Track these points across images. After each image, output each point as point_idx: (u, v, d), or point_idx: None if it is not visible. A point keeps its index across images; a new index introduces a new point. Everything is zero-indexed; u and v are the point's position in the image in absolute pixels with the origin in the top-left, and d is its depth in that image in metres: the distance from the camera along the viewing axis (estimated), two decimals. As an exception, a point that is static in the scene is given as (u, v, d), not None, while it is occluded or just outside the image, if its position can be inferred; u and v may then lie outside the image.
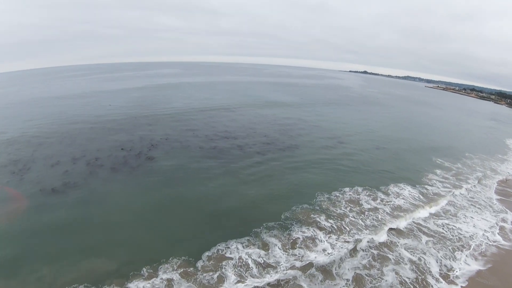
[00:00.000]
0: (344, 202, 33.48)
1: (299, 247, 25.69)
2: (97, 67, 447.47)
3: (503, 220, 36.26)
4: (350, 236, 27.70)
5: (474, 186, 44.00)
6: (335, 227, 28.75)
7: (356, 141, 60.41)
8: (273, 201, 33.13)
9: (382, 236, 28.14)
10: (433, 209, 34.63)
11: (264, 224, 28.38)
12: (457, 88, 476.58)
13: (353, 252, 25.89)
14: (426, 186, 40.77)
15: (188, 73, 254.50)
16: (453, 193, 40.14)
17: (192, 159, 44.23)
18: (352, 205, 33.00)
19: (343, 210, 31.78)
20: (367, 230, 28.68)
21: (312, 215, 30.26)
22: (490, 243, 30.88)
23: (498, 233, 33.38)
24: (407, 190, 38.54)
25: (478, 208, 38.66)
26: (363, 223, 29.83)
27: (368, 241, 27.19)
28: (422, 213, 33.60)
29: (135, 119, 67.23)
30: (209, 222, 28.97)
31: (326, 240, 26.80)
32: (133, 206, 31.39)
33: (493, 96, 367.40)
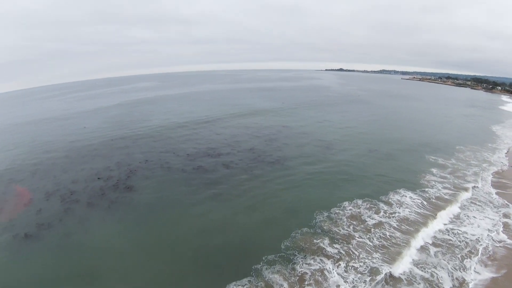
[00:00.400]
0: (346, 220, 30.51)
1: (307, 285, 22.43)
2: (72, 85, 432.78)
3: (506, 216, 34.44)
4: (361, 262, 24.66)
5: (475, 186, 41.99)
6: (343, 252, 25.69)
7: (345, 146, 58.03)
8: (269, 227, 29.78)
9: (400, 267, 24.97)
10: (443, 219, 32.16)
11: (264, 258, 24.99)
12: (433, 77, 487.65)
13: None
14: (426, 190, 38.31)
15: (166, 85, 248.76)
16: (459, 196, 37.88)
17: (175, 185, 40.34)
18: (355, 222, 30.08)
19: (347, 230, 28.80)
20: (378, 253, 25.69)
21: (314, 240, 27.08)
22: (497, 244, 28.92)
23: (503, 231, 31.45)
24: (408, 197, 36.01)
25: (479, 205, 36.76)
26: (371, 243, 26.92)
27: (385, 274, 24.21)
28: (435, 225, 30.95)
29: (111, 141, 62.89)
30: (201, 261, 25.36)
31: (337, 272, 23.67)
32: (112, 249, 27.49)
33: (469, 82, 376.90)
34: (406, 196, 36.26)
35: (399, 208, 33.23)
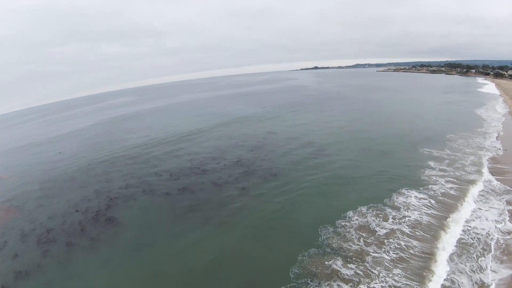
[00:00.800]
0: (354, 233, 27.57)
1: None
2: (48, 107, 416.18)
3: (509, 203, 32.91)
4: (383, 282, 21.83)
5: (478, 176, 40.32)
6: (360, 273, 22.74)
7: (336, 147, 55.40)
8: (271, 253, 26.37)
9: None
10: (457, 219, 29.79)
11: (274, 293, 21.50)
12: (407, 67, 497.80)
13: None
14: (430, 186, 36.09)
15: (144, 99, 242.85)
16: (466, 190, 35.80)
17: (160, 211, 36.50)
18: (365, 234, 27.18)
19: (358, 244, 25.85)
20: (398, 269, 22.88)
21: (326, 262, 23.94)
22: (508, 237, 27.24)
23: (509, 220, 29.88)
24: (414, 197, 33.59)
25: (482, 195, 35.11)
26: (388, 258, 24.08)
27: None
28: (452, 228, 28.42)
29: (88, 166, 58.39)
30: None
31: (360, 299, 20.49)
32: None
33: (443, 68, 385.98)
34: (411, 196, 33.83)
35: (408, 211, 30.69)
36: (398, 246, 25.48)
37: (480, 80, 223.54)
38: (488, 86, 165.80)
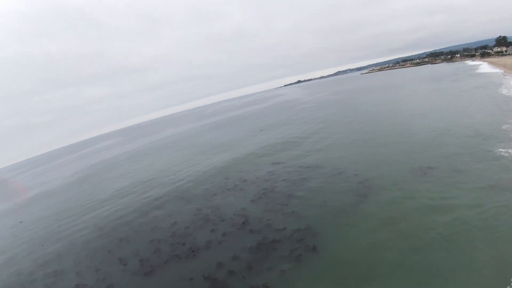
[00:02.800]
0: None
1: None
2: (30, 162, 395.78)
3: None
4: None
5: None
6: None
7: (381, 173, 37.00)
8: None
9: None
10: None
11: None
12: (390, 64, 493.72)
13: None
14: None
15: (127, 139, 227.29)
16: None
17: None
18: None
19: None
20: None
21: None
22: None
23: None
24: None
25: None
26: None
27: None
28: None
29: (41, 249, 41.72)
30: None
31: None
32: None
33: (426, 59, 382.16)
34: None
35: None
36: None
37: (471, 62, 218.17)
38: (483, 66, 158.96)
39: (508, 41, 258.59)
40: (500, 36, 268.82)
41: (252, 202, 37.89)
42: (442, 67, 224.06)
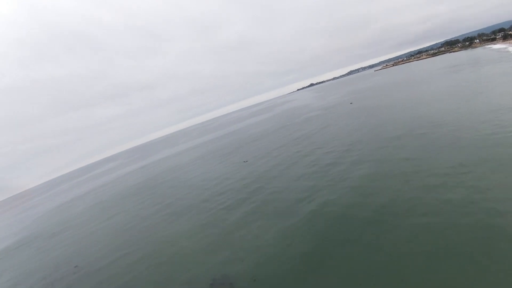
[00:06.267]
0: None
1: None
2: (43, 186, 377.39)
3: None
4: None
5: None
6: None
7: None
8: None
9: None
10: None
11: None
12: (404, 58, 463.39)
13: None
14: None
15: (128, 162, 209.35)
16: None
17: None
18: None
19: None
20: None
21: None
22: None
23: None
24: None
25: None
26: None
27: None
28: None
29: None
30: None
31: None
32: None
33: (443, 48, 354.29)
34: None
35: None
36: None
37: (496, 46, 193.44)
38: None
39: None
40: None
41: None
42: (468, 53, 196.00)
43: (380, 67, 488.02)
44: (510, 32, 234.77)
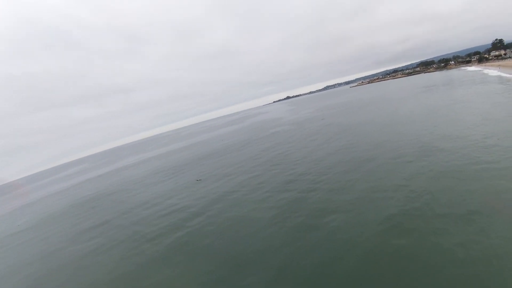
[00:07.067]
0: None
1: None
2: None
3: None
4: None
5: None
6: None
7: None
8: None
9: None
10: None
11: None
12: (380, 76, 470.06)
13: None
14: None
15: (91, 167, 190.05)
16: None
17: None
18: None
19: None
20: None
21: None
22: None
23: None
24: None
25: None
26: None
27: None
28: None
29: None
30: None
31: None
32: None
33: (418, 68, 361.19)
34: None
35: None
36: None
37: (471, 68, 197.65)
38: (493, 71, 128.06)
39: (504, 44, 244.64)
40: (496, 39, 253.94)
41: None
42: (443, 74, 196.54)
43: (355, 84, 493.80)
44: (485, 56, 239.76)
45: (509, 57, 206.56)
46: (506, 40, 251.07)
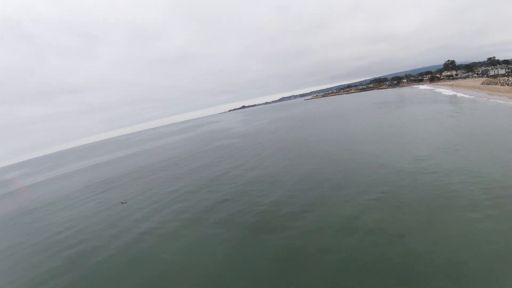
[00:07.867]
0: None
1: None
2: None
3: None
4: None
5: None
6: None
7: None
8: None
9: None
10: None
11: None
12: (334, 90, 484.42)
13: None
14: None
15: (31, 172, 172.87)
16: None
17: None
18: None
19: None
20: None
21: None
22: None
23: None
24: None
25: None
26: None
27: None
28: None
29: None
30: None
31: None
32: None
33: (371, 85, 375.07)
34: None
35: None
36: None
37: (423, 87, 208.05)
38: (446, 90, 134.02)
39: (456, 65, 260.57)
40: (448, 61, 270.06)
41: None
42: (396, 91, 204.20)
43: (310, 97, 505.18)
44: (437, 75, 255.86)
45: (460, 77, 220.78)
46: (458, 61, 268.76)
